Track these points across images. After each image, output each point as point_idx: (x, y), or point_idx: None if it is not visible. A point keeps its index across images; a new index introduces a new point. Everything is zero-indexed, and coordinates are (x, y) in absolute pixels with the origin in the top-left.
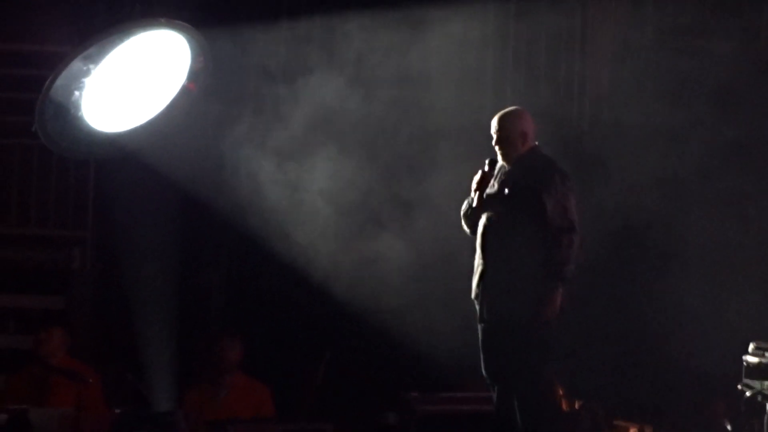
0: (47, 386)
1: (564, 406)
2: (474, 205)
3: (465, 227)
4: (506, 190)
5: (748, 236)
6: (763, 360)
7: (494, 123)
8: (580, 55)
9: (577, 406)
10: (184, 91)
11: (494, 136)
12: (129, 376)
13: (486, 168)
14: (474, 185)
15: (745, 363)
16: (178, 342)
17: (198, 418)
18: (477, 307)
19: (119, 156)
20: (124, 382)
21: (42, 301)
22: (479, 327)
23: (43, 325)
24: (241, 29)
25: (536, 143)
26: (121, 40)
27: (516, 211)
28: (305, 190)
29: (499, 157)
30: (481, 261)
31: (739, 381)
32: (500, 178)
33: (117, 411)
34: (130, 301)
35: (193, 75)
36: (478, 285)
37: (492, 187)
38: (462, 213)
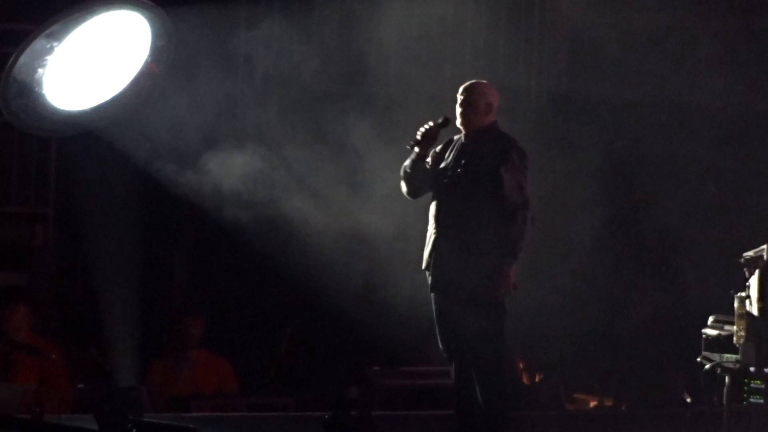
0: (10, 362)
1: (524, 380)
2: (414, 158)
3: (403, 186)
4: (463, 162)
5: (709, 208)
6: (722, 333)
7: (462, 88)
8: (540, 28)
9: (537, 379)
10: (147, 70)
11: (460, 99)
12: (92, 351)
13: (439, 121)
14: (418, 136)
15: (704, 336)
16: (141, 317)
17: (161, 393)
18: (429, 278)
19: (82, 133)
20: (87, 358)
21: (5, 278)
22: (432, 297)
23: (6, 302)
24: (203, 8)
25: (496, 119)
26: (85, 18)
27: (472, 184)
28: (267, 166)
29: (458, 123)
30: (434, 231)
31: (699, 354)
32: (457, 149)
33: (80, 386)
34: (92, 277)
35: (156, 53)
36: (430, 255)
37: (447, 160)
38: (402, 167)
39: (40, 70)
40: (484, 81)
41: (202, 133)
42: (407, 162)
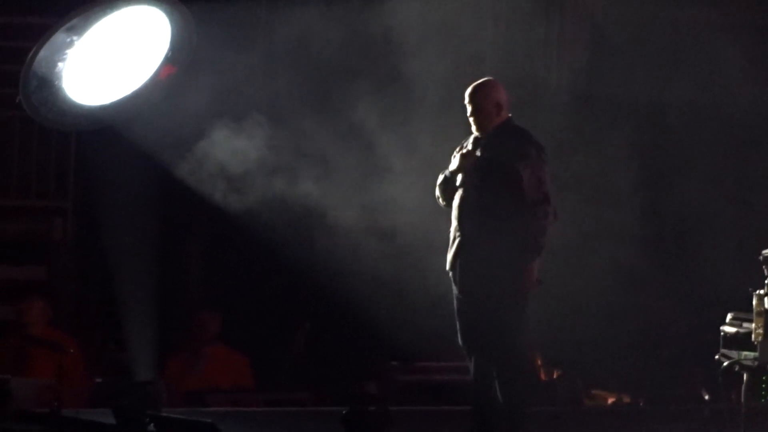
0: (28, 356)
1: (542, 376)
2: (449, 176)
3: (439, 199)
4: (482, 162)
5: (727, 207)
6: (741, 330)
7: (467, 95)
8: (560, 24)
9: (555, 376)
10: (165, 66)
11: (468, 108)
12: (109, 345)
13: (470, 146)
14: (455, 159)
15: (722, 333)
16: (158, 312)
17: (177, 388)
18: (452, 279)
19: (101, 128)
20: (105, 352)
21: (23, 272)
22: (455, 298)
23: (24, 296)
24: (223, 5)
25: (510, 115)
26: (105, 13)
27: (492, 182)
28: (284, 161)
29: (474, 128)
30: (457, 233)
31: (717, 351)
32: (479, 149)
33: (97, 380)
34: (110, 272)
35: (176, 50)
36: (454, 256)
37: (468, 161)
38: (438, 183)
39: (60, 64)
40: (488, 79)
41: (218, 124)
42: (441, 178)
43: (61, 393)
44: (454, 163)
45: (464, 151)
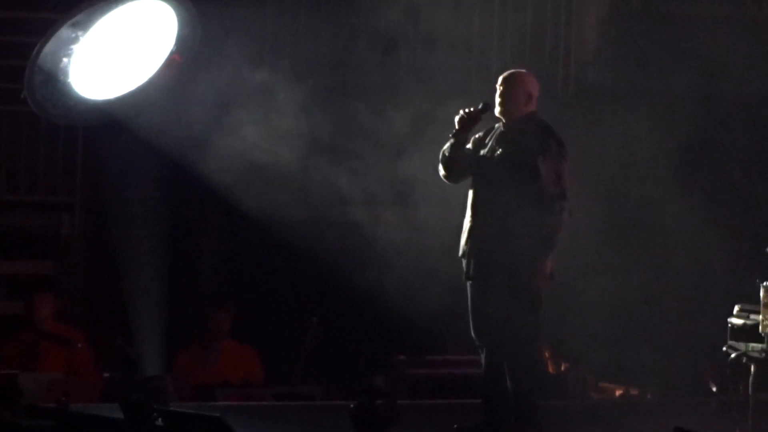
0: (37, 351)
1: (551, 369)
2: (453, 142)
3: (441, 170)
4: (501, 151)
5: (736, 202)
6: (748, 322)
7: (502, 78)
8: (566, 19)
9: (563, 368)
10: (172, 59)
11: (499, 89)
12: (118, 340)
13: (479, 107)
14: (458, 123)
15: (729, 325)
16: (168, 306)
17: (187, 383)
18: (464, 265)
19: (108, 122)
20: (114, 347)
21: (31, 267)
22: (468, 285)
23: (33, 291)
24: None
25: (536, 109)
26: (110, 8)
27: (510, 173)
28: (293, 155)
29: (498, 112)
30: (470, 220)
31: (725, 343)
32: (496, 138)
33: (106, 375)
34: (119, 266)
35: (181, 43)
36: (466, 243)
37: (486, 148)
38: (442, 151)
39: (65, 59)
40: (524, 70)
41: (226, 118)
42: (446, 146)
43: (70, 388)
44: (457, 124)
45: (466, 112)
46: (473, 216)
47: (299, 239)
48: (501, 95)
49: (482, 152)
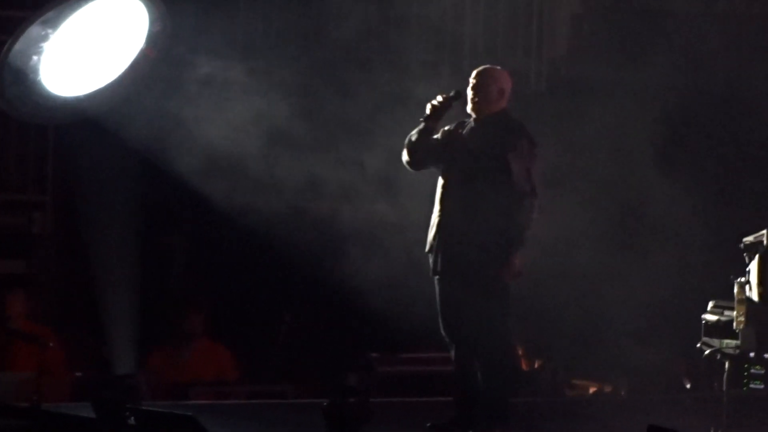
0: (8, 350)
1: (524, 366)
2: (421, 129)
3: (405, 155)
4: (471, 146)
5: (713, 197)
6: (722, 318)
7: (475, 72)
8: (539, 13)
9: (537, 365)
10: (143, 55)
11: (472, 83)
12: (90, 339)
13: (450, 94)
14: (428, 109)
15: (704, 321)
16: (140, 305)
17: (160, 381)
18: (431, 261)
19: (79, 120)
20: (86, 346)
21: (2, 266)
22: (435, 280)
23: (4, 290)
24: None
25: (507, 106)
26: (80, 5)
27: (479, 169)
28: (266, 151)
29: (470, 108)
30: (438, 215)
31: (699, 340)
32: (467, 133)
33: (78, 374)
34: (91, 265)
35: (152, 39)
36: (434, 238)
37: (456, 142)
38: (408, 136)
39: (35, 57)
40: (498, 66)
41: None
42: (413, 132)
43: (42, 387)
44: (428, 110)
45: (437, 100)
46: (441, 211)
47: (271, 236)
48: (473, 89)
49: (452, 147)
